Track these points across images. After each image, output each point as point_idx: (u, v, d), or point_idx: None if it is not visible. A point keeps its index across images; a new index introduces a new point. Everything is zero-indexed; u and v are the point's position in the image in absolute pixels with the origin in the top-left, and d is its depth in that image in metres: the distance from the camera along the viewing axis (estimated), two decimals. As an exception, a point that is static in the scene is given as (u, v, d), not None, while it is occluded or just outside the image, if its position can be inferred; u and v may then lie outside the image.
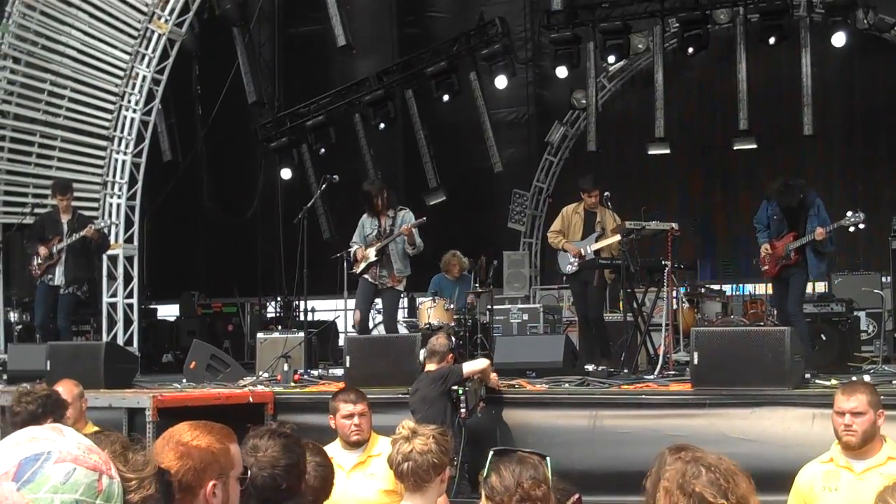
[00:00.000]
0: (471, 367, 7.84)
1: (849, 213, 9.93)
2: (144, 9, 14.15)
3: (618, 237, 10.43)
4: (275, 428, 3.39)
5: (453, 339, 8.17)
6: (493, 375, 8.21)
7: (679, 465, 2.88)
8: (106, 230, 12.35)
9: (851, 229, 10.08)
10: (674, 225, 10.47)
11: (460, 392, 7.55)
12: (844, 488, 4.97)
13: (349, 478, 5.45)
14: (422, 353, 8.24)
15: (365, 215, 11.14)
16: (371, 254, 10.85)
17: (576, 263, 10.93)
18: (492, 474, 3.59)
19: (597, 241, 10.88)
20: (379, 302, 11.41)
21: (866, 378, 8.90)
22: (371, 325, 12.41)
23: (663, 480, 2.90)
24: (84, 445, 1.81)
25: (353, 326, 11.37)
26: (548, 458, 3.66)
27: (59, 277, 11.67)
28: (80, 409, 6.57)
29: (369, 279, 10.95)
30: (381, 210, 10.97)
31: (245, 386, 9.71)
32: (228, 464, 3.10)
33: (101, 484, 1.78)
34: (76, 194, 12.64)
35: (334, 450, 5.63)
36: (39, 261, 11.67)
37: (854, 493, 4.90)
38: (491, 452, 3.70)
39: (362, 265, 10.91)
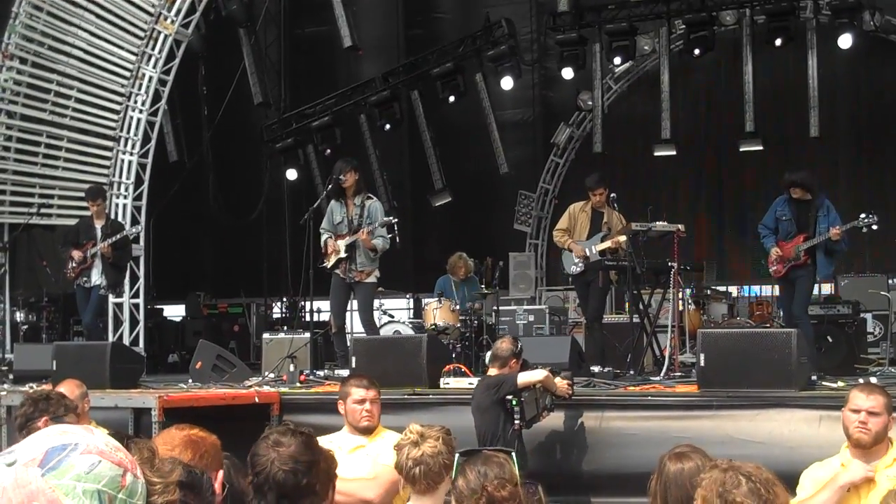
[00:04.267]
0: (525, 378, 7.26)
1: (862, 215, 9.91)
2: (151, 10, 14.18)
3: (623, 237, 10.40)
4: (294, 427, 3.40)
5: (520, 343, 7.60)
6: (562, 383, 7.55)
7: (716, 473, 2.85)
8: (131, 236, 12.37)
9: (864, 230, 10.05)
10: (680, 226, 10.45)
11: (514, 403, 7.06)
12: (857, 487, 4.99)
13: (350, 455, 5.45)
14: (488, 356, 7.78)
15: (333, 201, 10.83)
16: (341, 249, 10.58)
17: (581, 264, 10.87)
18: (459, 477, 3.61)
19: (602, 241, 10.83)
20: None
21: (873, 380, 8.91)
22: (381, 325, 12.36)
23: (700, 489, 2.86)
24: (112, 444, 1.85)
25: (331, 333, 11.13)
26: (513, 454, 3.66)
27: (94, 279, 11.78)
28: (82, 409, 6.58)
29: (340, 274, 10.66)
30: (348, 194, 10.66)
31: (251, 386, 9.71)
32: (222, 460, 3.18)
33: (124, 479, 1.81)
34: (81, 194, 12.71)
35: (341, 436, 5.65)
36: (74, 265, 11.77)
37: (865, 492, 4.93)
38: (457, 455, 3.73)
39: (332, 259, 10.65)
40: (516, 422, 7.03)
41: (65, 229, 13.12)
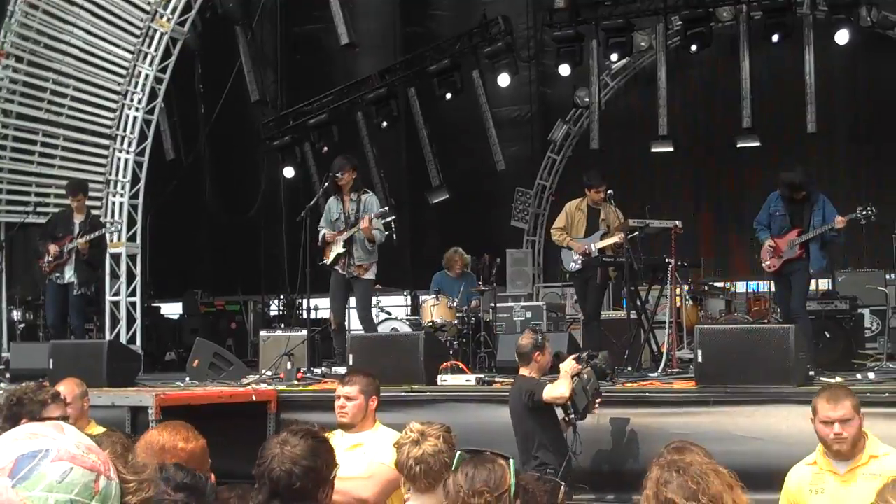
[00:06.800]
0: (550, 394, 6.87)
1: (859, 208, 9.91)
2: (147, 7, 14.15)
3: (621, 235, 10.39)
4: (313, 430, 3.39)
5: (540, 335, 7.40)
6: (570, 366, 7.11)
7: (655, 471, 2.88)
8: (107, 233, 12.30)
9: (863, 222, 10.03)
10: (677, 223, 10.46)
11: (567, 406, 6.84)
12: (830, 491, 4.95)
13: (348, 453, 5.42)
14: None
15: (332, 198, 10.91)
16: (339, 244, 10.64)
17: (580, 261, 10.84)
18: (451, 475, 3.59)
19: (601, 238, 10.81)
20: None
21: (871, 376, 8.91)
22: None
23: (645, 489, 2.90)
24: (84, 445, 1.80)
25: (331, 330, 11.16)
26: (511, 461, 3.65)
27: (68, 276, 11.68)
28: (81, 408, 6.55)
29: (340, 270, 10.73)
30: (344, 191, 10.75)
31: (248, 384, 9.71)
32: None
33: (97, 485, 1.76)
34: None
35: (338, 434, 5.63)
36: (50, 258, 11.67)
37: (840, 495, 4.90)
38: (457, 454, 3.71)
39: (331, 256, 10.71)
40: (571, 416, 6.87)
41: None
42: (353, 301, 11.21)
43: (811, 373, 8.36)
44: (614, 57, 17.27)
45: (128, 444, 2.66)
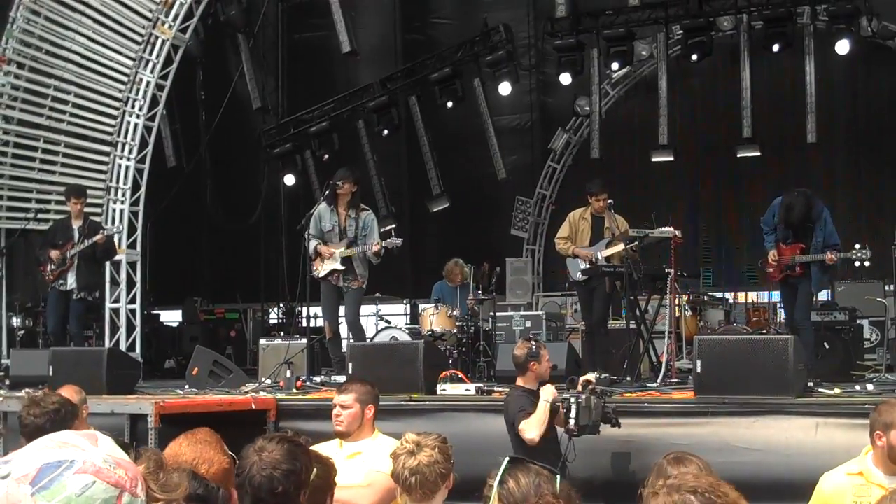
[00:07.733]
0: (523, 434, 6.72)
1: (857, 247, 9.95)
2: (149, 14, 14.18)
3: (622, 245, 10.37)
4: (287, 435, 3.42)
5: (534, 344, 7.21)
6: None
7: (661, 500, 2.83)
8: (114, 237, 12.32)
9: (857, 264, 10.05)
10: (677, 232, 10.43)
11: (571, 401, 6.58)
12: None
13: (347, 461, 5.42)
14: None
15: (324, 205, 10.81)
16: (337, 261, 10.61)
17: (586, 271, 10.80)
18: (509, 480, 3.59)
19: (607, 247, 10.77)
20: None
21: (869, 387, 8.90)
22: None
23: None
24: (113, 459, 1.76)
25: (325, 340, 11.15)
26: (558, 476, 3.66)
27: (70, 283, 11.66)
28: (81, 415, 6.55)
29: (332, 282, 10.71)
30: (341, 203, 10.71)
31: (247, 392, 9.70)
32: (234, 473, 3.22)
33: (120, 501, 1.74)
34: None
35: (338, 442, 5.63)
36: (53, 266, 11.65)
37: None
38: (506, 460, 3.70)
39: (324, 270, 10.68)
40: (570, 422, 6.65)
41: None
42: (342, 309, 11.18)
43: (810, 384, 8.36)
44: (615, 66, 17.30)
45: (161, 460, 2.66)
